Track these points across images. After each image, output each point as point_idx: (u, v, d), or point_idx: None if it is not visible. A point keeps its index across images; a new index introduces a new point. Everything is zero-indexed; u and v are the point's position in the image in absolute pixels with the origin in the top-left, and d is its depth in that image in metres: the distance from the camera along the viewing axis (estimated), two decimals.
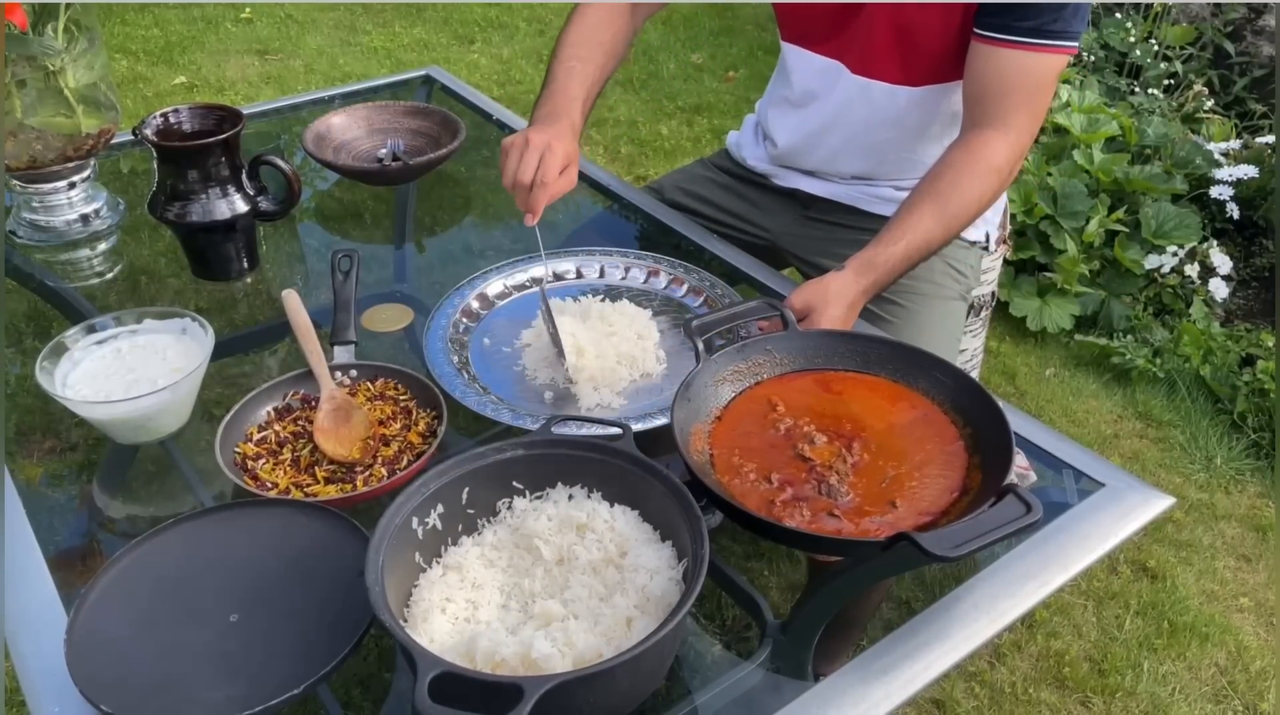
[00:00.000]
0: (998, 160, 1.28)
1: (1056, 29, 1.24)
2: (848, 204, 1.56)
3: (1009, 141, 1.28)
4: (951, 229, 1.27)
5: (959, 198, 1.26)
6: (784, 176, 1.61)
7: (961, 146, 1.30)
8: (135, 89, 4.06)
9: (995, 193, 1.30)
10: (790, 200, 1.62)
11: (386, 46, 4.59)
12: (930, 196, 1.26)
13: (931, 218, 1.25)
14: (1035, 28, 1.24)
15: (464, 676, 0.71)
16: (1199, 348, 2.62)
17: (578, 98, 1.36)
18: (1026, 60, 1.26)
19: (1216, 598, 2.08)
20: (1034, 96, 1.29)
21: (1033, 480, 1.11)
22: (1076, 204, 2.83)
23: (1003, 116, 1.28)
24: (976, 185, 1.27)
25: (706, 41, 4.73)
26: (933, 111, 1.43)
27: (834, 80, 1.46)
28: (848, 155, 1.52)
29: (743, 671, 0.91)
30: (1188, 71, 3.53)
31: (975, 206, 1.29)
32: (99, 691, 0.78)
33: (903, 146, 1.48)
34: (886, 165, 1.51)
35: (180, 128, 1.35)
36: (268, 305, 1.36)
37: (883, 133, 1.47)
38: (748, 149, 1.68)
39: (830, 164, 1.55)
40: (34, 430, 1.14)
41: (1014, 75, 1.27)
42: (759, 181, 1.66)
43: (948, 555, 0.79)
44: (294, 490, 1.01)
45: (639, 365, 1.18)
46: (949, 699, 1.83)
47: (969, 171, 1.27)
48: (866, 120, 1.46)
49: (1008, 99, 1.28)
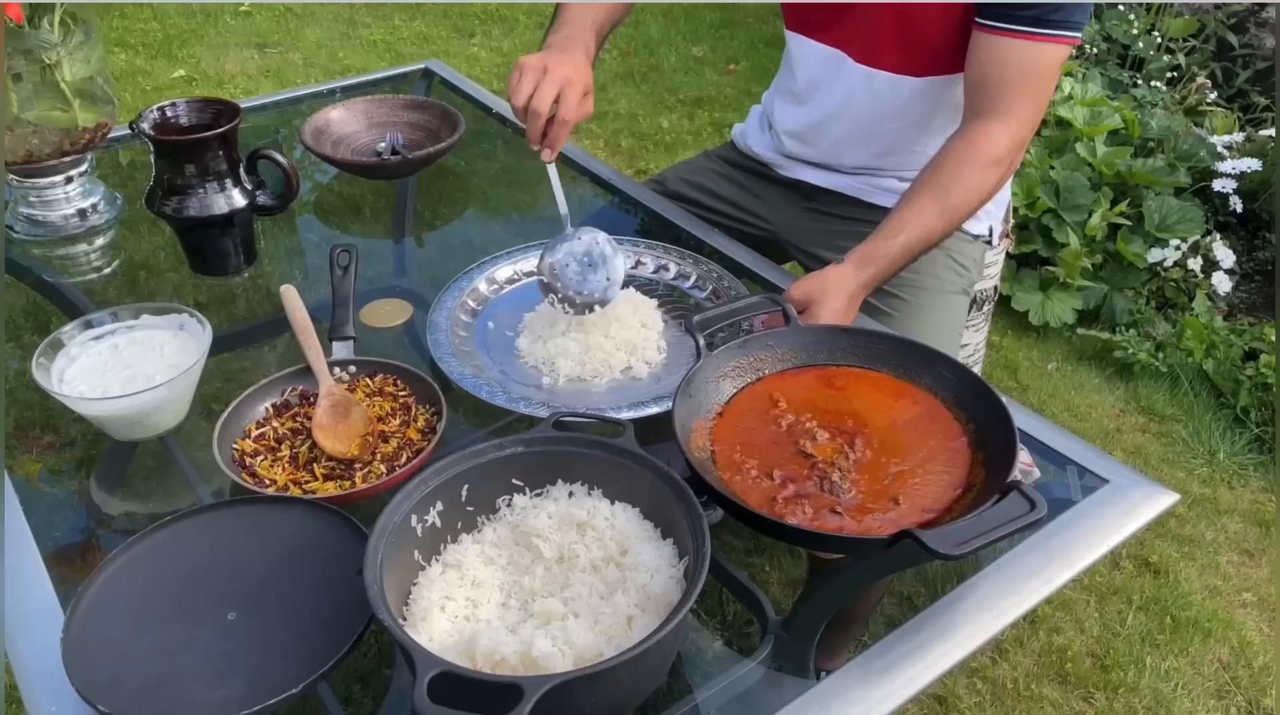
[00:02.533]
0: (998, 151, 1.27)
1: (1059, 18, 1.23)
2: (851, 195, 1.56)
3: (1010, 132, 1.27)
4: (952, 221, 1.27)
5: (960, 189, 1.25)
6: (788, 167, 1.61)
7: (962, 137, 1.29)
8: (134, 82, 4.05)
9: (996, 184, 1.29)
10: (793, 192, 1.62)
11: (386, 39, 4.58)
12: (931, 188, 1.25)
13: (932, 210, 1.24)
14: (1037, 17, 1.23)
15: (463, 676, 0.70)
16: (1202, 342, 2.62)
17: (591, 26, 1.35)
18: (1028, 50, 1.25)
19: (1219, 593, 2.08)
20: (1035, 86, 1.28)
21: (1036, 476, 1.10)
22: (1079, 197, 2.82)
23: (1004, 106, 1.27)
24: (977, 176, 1.26)
25: (707, 34, 4.71)
26: (937, 103, 1.42)
27: (837, 69, 1.45)
28: (852, 146, 1.51)
29: (744, 668, 0.90)
30: (1190, 64, 3.51)
31: (976, 198, 1.28)
32: (96, 691, 0.77)
33: (907, 138, 1.47)
34: (891, 157, 1.50)
35: (177, 122, 1.34)
36: (266, 300, 1.36)
37: (887, 123, 1.46)
38: (753, 138, 1.67)
39: (835, 155, 1.54)
40: (32, 426, 1.13)
41: (1015, 65, 1.26)
42: (762, 172, 1.65)
43: (951, 553, 0.78)
44: (292, 487, 1.00)
45: (640, 353, 1.18)
46: (951, 695, 1.82)
47: (970, 163, 1.26)
48: (870, 110, 1.45)
49: (1009, 89, 1.27)
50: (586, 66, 1.27)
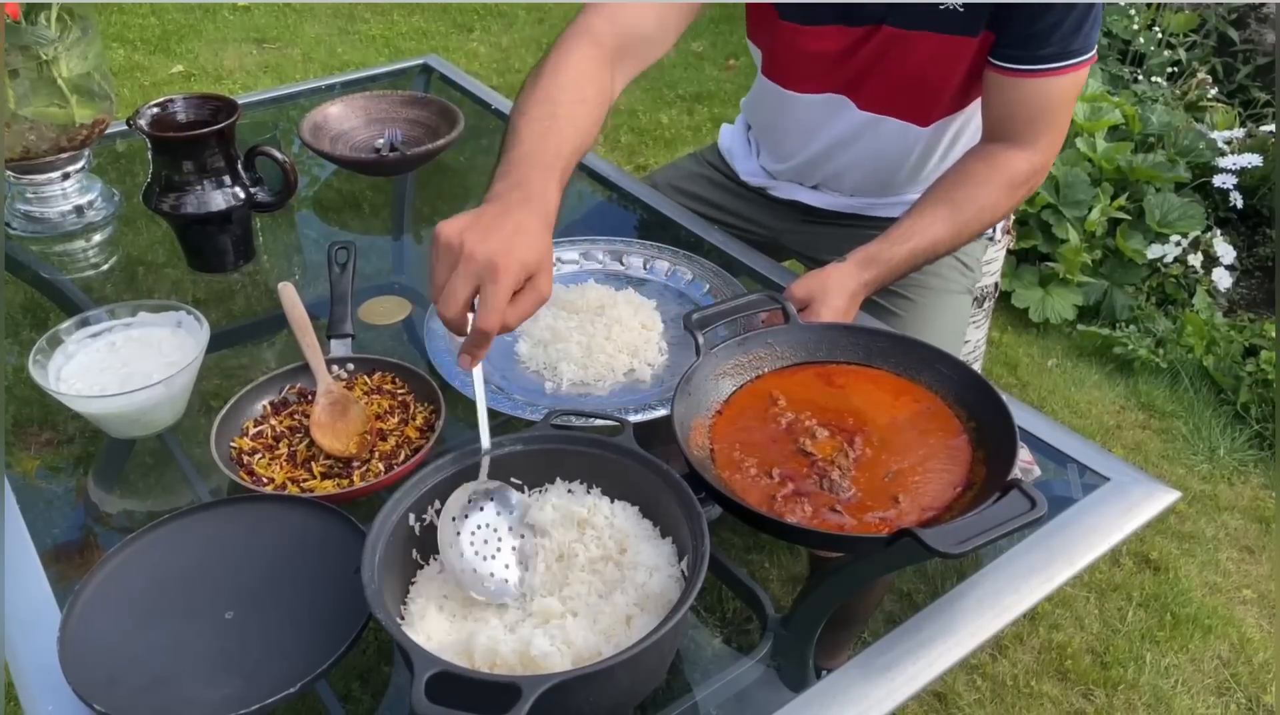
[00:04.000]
0: (1019, 177, 1.25)
1: (1076, 47, 1.20)
2: (851, 213, 1.53)
3: (1032, 161, 1.26)
4: (960, 237, 1.25)
5: (973, 208, 1.24)
6: (782, 188, 1.57)
7: (982, 157, 1.27)
8: (132, 78, 4.05)
9: (1011, 206, 1.28)
10: (790, 208, 1.59)
11: (384, 35, 4.57)
12: (946, 203, 1.24)
13: (943, 224, 1.23)
14: (1057, 53, 1.20)
15: (461, 676, 0.70)
16: (1202, 338, 2.61)
17: (554, 165, 0.98)
18: (1050, 85, 1.22)
19: (1219, 590, 2.08)
20: (1059, 116, 1.26)
21: (1037, 474, 1.10)
22: (1079, 193, 2.82)
23: (1029, 138, 1.25)
24: (992, 197, 1.24)
25: (707, 29, 4.70)
26: (949, 138, 1.40)
27: (836, 110, 1.39)
28: (852, 176, 1.48)
29: (744, 666, 0.90)
30: (1191, 59, 3.51)
31: (989, 219, 1.26)
32: (92, 690, 0.77)
33: (912, 168, 1.45)
34: (893, 185, 1.48)
35: (175, 118, 1.33)
36: (264, 298, 1.35)
37: (892, 162, 1.43)
38: (740, 162, 1.63)
39: (833, 182, 1.52)
40: (29, 423, 1.13)
41: (1040, 101, 1.23)
42: (756, 191, 1.62)
43: (951, 552, 0.78)
44: (290, 485, 1.00)
45: (642, 355, 1.17)
46: (951, 691, 1.82)
47: (988, 184, 1.24)
48: (874, 150, 1.42)
49: (1033, 123, 1.25)
50: (534, 233, 0.89)
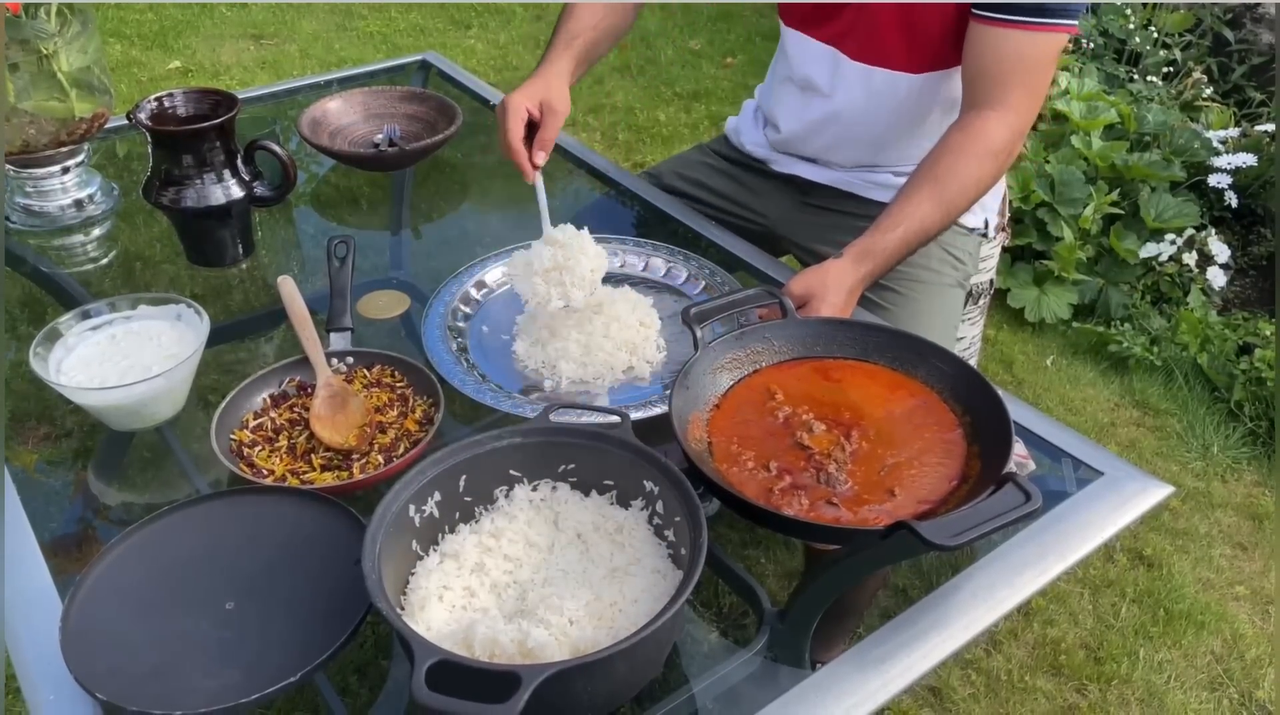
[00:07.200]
0: (996, 143, 1.27)
1: (1056, 8, 1.22)
2: (846, 190, 1.56)
3: (1008, 123, 1.27)
4: (950, 214, 1.27)
5: (957, 182, 1.25)
6: (783, 162, 1.60)
7: (960, 129, 1.29)
8: (130, 73, 4.04)
9: (994, 175, 1.29)
10: (788, 186, 1.61)
11: (382, 31, 4.57)
12: (929, 181, 1.25)
13: (930, 202, 1.24)
14: (1036, 6, 1.22)
15: (461, 665, 0.70)
16: (1197, 336, 2.62)
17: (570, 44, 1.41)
18: (1026, 40, 1.24)
19: (1212, 586, 2.09)
20: (1033, 77, 1.27)
21: (1031, 469, 1.11)
22: (1074, 191, 2.83)
23: (1001, 97, 1.27)
24: (974, 168, 1.26)
25: (705, 27, 4.70)
26: (933, 98, 1.42)
27: (832, 67, 1.44)
28: (848, 144, 1.51)
29: (740, 659, 0.91)
30: (1186, 59, 3.52)
31: (974, 190, 1.28)
32: (94, 679, 0.78)
33: (903, 134, 1.47)
34: (886, 153, 1.50)
35: (175, 112, 1.34)
36: (263, 292, 1.36)
37: (883, 121, 1.46)
38: (746, 134, 1.67)
39: (830, 152, 1.54)
40: (29, 416, 1.13)
41: (1013, 56, 1.26)
42: (757, 167, 1.65)
43: (947, 544, 0.79)
44: (290, 477, 1.00)
45: (640, 353, 1.18)
46: (945, 686, 1.83)
47: (967, 154, 1.26)
48: (866, 108, 1.45)
49: (1006, 80, 1.27)
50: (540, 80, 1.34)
